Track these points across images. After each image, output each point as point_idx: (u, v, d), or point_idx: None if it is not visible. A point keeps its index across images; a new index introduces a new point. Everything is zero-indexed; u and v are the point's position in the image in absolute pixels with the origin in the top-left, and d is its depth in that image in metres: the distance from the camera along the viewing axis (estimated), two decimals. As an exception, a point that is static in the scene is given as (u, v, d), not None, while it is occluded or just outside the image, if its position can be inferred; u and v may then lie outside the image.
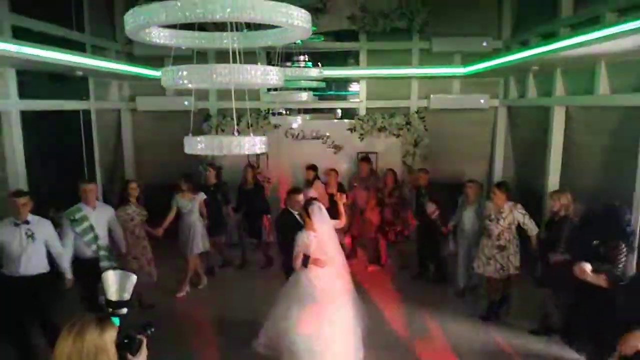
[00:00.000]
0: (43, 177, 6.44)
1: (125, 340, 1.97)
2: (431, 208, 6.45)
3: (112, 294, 2.09)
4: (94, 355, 1.82)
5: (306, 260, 4.30)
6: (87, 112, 7.60)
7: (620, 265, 3.98)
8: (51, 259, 4.70)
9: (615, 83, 5.58)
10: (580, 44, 4.55)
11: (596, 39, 4.32)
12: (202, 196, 6.50)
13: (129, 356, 1.96)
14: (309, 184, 7.14)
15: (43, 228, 4.54)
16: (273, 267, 6.95)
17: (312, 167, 7.38)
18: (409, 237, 7.19)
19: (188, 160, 7.50)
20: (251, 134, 2.29)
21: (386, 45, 8.43)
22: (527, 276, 5.46)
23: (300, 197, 4.73)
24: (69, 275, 4.75)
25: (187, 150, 2.29)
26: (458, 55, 8.39)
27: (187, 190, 6.41)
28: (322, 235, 4.37)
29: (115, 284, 2.10)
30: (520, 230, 5.47)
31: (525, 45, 7.21)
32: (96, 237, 4.98)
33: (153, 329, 2.07)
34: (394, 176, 7.21)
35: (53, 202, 5.84)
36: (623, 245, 4.02)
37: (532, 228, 5.34)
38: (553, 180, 6.70)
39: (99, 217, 5.09)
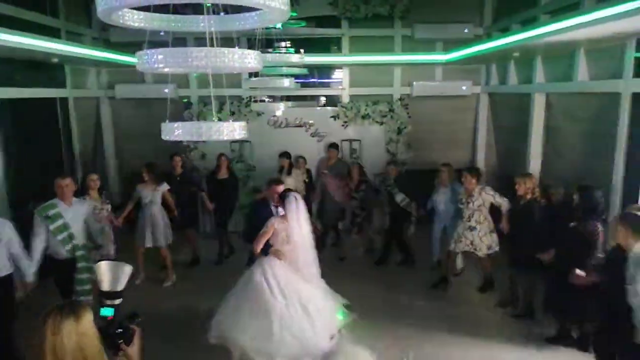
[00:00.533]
0: (21, 167, 6.29)
1: (119, 330, 1.97)
2: (399, 197, 6.67)
3: (105, 284, 2.07)
4: (76, 343, 1.81)
5: (267, 248, 4.26)
6: (64, 101, 7.42)
7: (598, 246, 4.10)
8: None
9: (594, 70, 5.65)
10: (560, 31, 4.59)
11: (575, 25, 4.36)
12: (164, 187, 6.25)
13: (123, 346, 1.96)
14: (286, 172, 7.07)
15: (2, 228, 4.10)
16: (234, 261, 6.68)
17: (286, 155, 7.26)
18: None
19: (169, 148, 7.43)
20: (230, 119, 2.26)
21: (368, 31, 8.38)
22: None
23: (280, 188, 4.66)
24: (28, 277, 4.24)
25: (165, 136, 2.24)
26: (440, 42, 8.39)
27: (149, 181, 6.17)
28: (292, 228, 4.31)
29: (109, 275, 2.08)
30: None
31: (506, 32, 7.25)
32: (71, 236, 4.56)
33: (140, 319, 2.06)
34: (361, 170, 7.23)
35: (32, 194, 5.68)
36: (599, 226, 4.13)
37: (504, 204, 5.54)
38: (534, 166, 6.79)
39: (75, 214, 4.67)
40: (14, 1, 5.98)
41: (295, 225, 4.32)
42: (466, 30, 8.13)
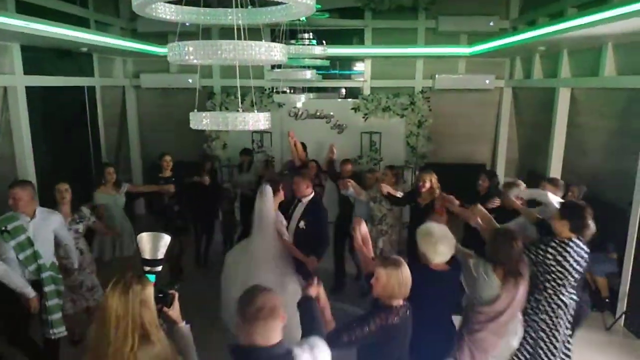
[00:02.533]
0: (49, 153, 6.51)
1: (160, 295, 2.15)
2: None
3: (147, 253, 2.28)
4: (139, 309, 1.98)
5: None
6: (92, 89, 7.62)
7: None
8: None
9: (622, 64, 5.54)
10: (588, 25, 4.52)
11: (604, 19, 4.29)
12: (124, 187, 5.55)
13: (165, 309, 2.17)
14: (246, 169, 6.90)
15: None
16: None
17: (247, 152, 7.08)
18: None
19: (192, 137, 7.57)
20: (255, 110, 2.33)
21: (392, 23, 8.34)
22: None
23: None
24: (30, 293, 3.73)
25: (193, 125, 2.33)
26: (464, 34, 8.31)
27: (109, 183, 5.41)
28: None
29: (149, 244, 2.29)
30: None
31: (532, 25, 7.14)
32: (36, 255, 3.79)
33: (177, 285, 2.27)
34: (318, 167, 6.48)
35: (60, 179, 5.85)
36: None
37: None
38: (556, 162, 6.72)
39: (40, 227, 3.87)
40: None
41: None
42: (491, 23, 8.02)
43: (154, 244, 2.28)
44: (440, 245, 2.86)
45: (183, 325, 2.24)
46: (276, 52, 2.13)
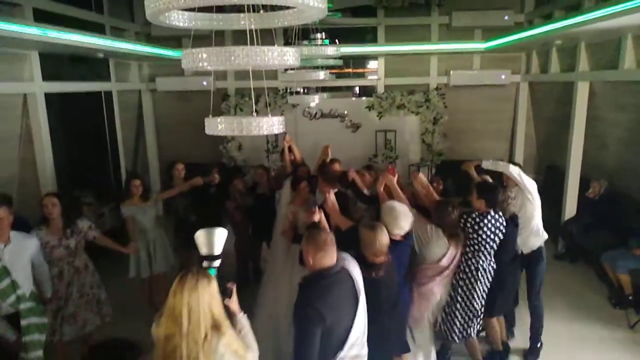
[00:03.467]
0: (68, 157, 6.63)
1: (220, 289, 2.25)
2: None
3: (204, 249, 2.40)
4: (208, 302, 2.10)
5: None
6: (109, 94, 7.74)
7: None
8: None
9: (642, 57, 5.41)
10: (606, 16, 4.42)
11: (623, 10, 4.19)
12: (153, 198, 5.11)
13: (226, 301, 2.29)
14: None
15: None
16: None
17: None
18: None
19: (209, 139, 7.63)
20: (269, 114, 2.33)
21: (404, 20, 8.28)
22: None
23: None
24: (11, 338, 3.56)
25: (208, 131, 2.35)
26: (479, 30, 8.20)
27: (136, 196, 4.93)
28: None
29: (205, 240, 2.41)
30: None
31: (548, 18, 7.01)
32: (14, 285, 3.42)
33: (230, 281, 2.38)
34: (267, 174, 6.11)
35: (78, 183, 5.94)
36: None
37: None
38: (575, 157, 6.59)
39: (16, 254, 3.50)
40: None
41: None
42: (506, 18, 7.90)
43: (209, 240, 2.39)
44: (400, 220, 3.30)
45: (242, 315, 2.36)
46: (289, 56, 2.13)
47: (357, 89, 9.29)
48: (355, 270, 2.63)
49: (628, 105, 5.89)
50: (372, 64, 9.02)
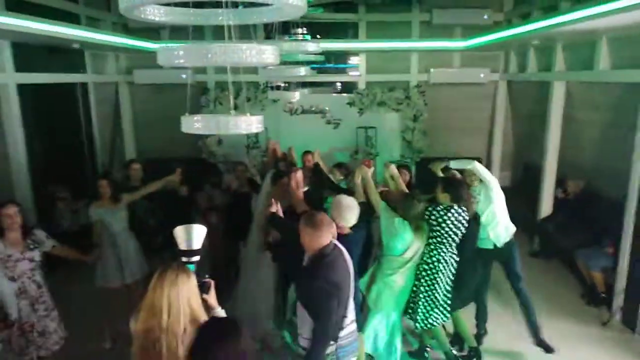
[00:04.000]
0: (42, 152, 6.46)
1: (198, 284, 2.30)
2: None
3: (183, 244, 2.45)
4: (187, 297, 2.15)
5: None
6: (85, 86, 7.55)
7: None
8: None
9: (616, 58, 5.53)
10: (582, 19, 4.50)
11: (598, 13, 4.27)
12: (124, 199, 4.69)
13: (204, 295, 2.36)
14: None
15: None
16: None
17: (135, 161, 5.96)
18: None
19: (189, 135, 7.51)
20: (247, 113, 2.30)
21: (386, 17, 8.29)
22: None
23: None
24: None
25: (185, 129, 2.31)
26: (459, 27, 8.27)
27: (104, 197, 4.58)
28: None
29: (184, 235, 2.46)
30: None
31: (526, 18, 7.11)
32: None
33: (208, 274, 2.46)
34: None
35: (54, 178, 5.77)
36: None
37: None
38: (551, 156, 6.72)
39: None
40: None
41: None
42: (486, 17, 7.98)
43: (188, 235, 2.45)
44: (346, 213, 3.41)
45: (219, 309, 2.42)
46: (268, 54, 2.10)
47: (338, 84, 9.27)
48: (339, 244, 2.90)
49: (602, 106, 6.02)
50: (354, 60, 9.02)
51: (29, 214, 4.99)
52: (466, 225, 3.95)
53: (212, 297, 2.40)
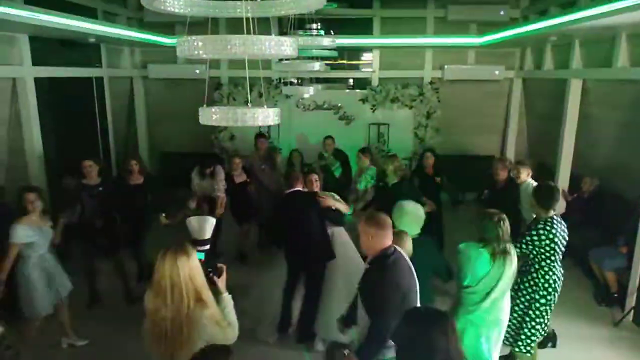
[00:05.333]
0: (59, 144, 6.53)
1: (210, 269, 2.48)
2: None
3: (196, 233, 2.63)
4: (188, 273, 2.28)
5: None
6: (100, 80, 7.62)
7: None
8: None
9: (636, 55, 5.44)
10: (601, 15, 4.42)
11: (618, 9, 4.20)
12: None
13: (215, 278, 2.48)
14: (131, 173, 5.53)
15: None
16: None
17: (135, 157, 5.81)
18: None
19: (200, 128, 7.56)
20: (265, 105, 2.31)
21: (400, 12, 8.25)
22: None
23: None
24: None
25: (202, 121, 2.32)
26: (474, 24, 8.19)
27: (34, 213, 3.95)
28: None
29: (196, 226, 2.62)
30: None
31: (544, 14, 7.02)
32: None
33: (220, 260, 2.69)
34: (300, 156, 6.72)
35: (68, 169, 5.84)
36: None
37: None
38: (566, 155, 6.64)
39: None
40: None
41: None
42: (502, 13, 7.89)
43: (201, 226, 2.60)
44: (409, 219, 3.32)
45: (227, 294, 2.50)
46: (286, 46, 2.10)
47: (351, 81, 9.25)
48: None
49: (621, 104, 5.93)
50: (367, 56, 8.98)
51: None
52: (566, 231, 3.65)
53: (221, 282, 2.50)
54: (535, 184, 4.82)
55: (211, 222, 2.67)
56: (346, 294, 3.86)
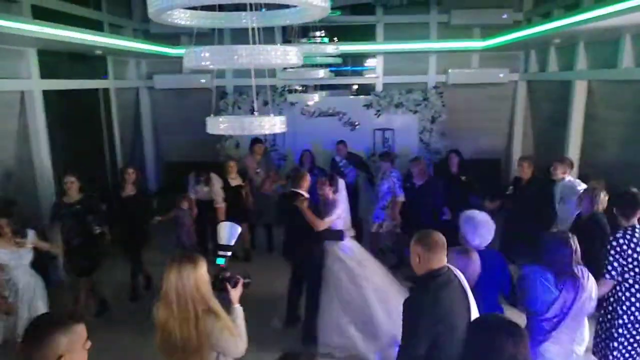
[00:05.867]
0: (66, 155, 6.59)
1: (228, 275, 2.47)
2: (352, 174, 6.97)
3: (223, 239, 2.61)
4: (194, 285, 2.25)
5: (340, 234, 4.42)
6: (106, 91, 7.70)
7: None
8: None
9: (641, 56, 5.43)
10: (605, 16, 4.43)
11: (621, 10, 4.20)
12: (30, 237, 4.00)
13: (229, 287, 2.45)
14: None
15: None
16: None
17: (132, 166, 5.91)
18: None
19: (206, 137, 7.61)
20: (271, 113, 2.33)
21: (403, 18, 8.27)
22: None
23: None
24: None
25: (210, 130, 2.34)
26: (477, 28, 8.20)
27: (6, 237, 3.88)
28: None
29: (226, 232, 2.61)
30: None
31: (547, 17, 7.02)
32: None
33: (250, 281, 2.55)
34: (312, 157, 7.10)
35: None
36: None
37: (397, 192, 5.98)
38: (572, 156, 6.60)
39: None
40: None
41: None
42: (505, 16, 7.90)
43: (230, 232, 2.60)
44: (480, 228, 3.04)
45: (238, 306, 2.46)
46: (292, 55, 2.13)
47: (355, 87, 9.28)
48: (456, 269, 2.55)
49: (626, 105, 5.90)
50: (371, 62, 9.01)
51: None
52: None
53: (235, 292, 2.46)
54: (581, 183, 4.94)
55: (239, 230, 2.68)
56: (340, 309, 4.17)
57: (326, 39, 5.82)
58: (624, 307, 3.34)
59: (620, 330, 3.34)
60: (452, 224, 3.52)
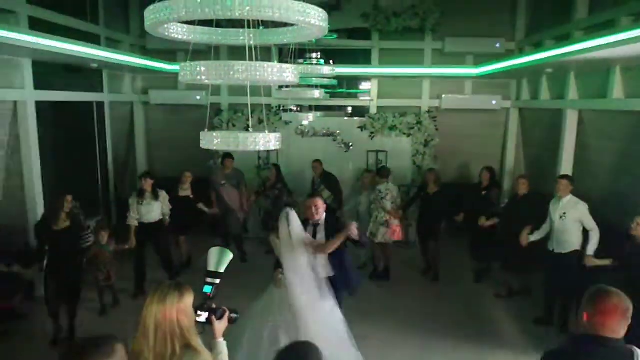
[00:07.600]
0: (57, 168, 6.52)
1: (213, 306, 2.29)
2: (325, 194, 6.98)
3: (212, 265, 2.43)
4: (176, 316, 2.05)
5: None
6: (100, 105, 7.68)
7: None
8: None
9: (630, 87, 5.53)
10: (594, 48, 4.52)
11: (611, 43, 4.29)
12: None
13: (213, 319, 2.27)
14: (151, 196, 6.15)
15: None
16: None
17: (147, 175, 6.40)
18: None
19: (200, 154, 7.58)
20: (266, 131, 2.32)
21: (399, 44, 8.41)
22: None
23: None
24: None
25: (203, 145, 2.32)
26: (470, 56, 8.36)
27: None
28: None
29: (215, 258, 2.44)
30: None
31: (539, 47, 7.17)
32: None
33: (237, 316, 2.39)
34: (277, 171, 7.50)
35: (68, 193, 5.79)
36: None
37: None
38: (563, 184, 6.65)
39: None
40: (57, 8, 6.25)
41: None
42: (498, 45, 8.08)
43: (219, 258, 2.43)
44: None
45: (221, 340, 2.29)
46: (288, 73, 2.13)
47: (349, 109, 9.35)
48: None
49: (616, 135, 5.99)
50: (366, 85, 9.11)
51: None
52: None
53: (220, 325, 2.28)
54: (580, 201, 5.28)
55: (229, 256, 2.48)
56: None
57: (322, 61, 5.87)
58: None
59: None
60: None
